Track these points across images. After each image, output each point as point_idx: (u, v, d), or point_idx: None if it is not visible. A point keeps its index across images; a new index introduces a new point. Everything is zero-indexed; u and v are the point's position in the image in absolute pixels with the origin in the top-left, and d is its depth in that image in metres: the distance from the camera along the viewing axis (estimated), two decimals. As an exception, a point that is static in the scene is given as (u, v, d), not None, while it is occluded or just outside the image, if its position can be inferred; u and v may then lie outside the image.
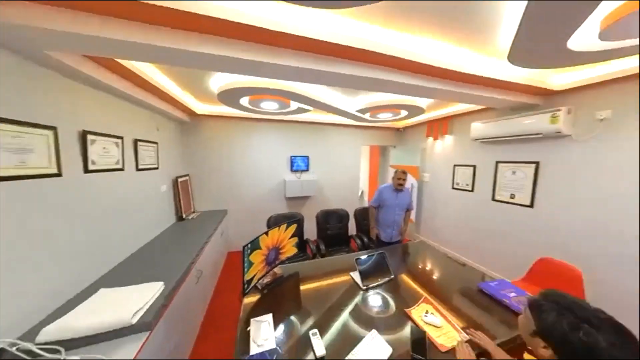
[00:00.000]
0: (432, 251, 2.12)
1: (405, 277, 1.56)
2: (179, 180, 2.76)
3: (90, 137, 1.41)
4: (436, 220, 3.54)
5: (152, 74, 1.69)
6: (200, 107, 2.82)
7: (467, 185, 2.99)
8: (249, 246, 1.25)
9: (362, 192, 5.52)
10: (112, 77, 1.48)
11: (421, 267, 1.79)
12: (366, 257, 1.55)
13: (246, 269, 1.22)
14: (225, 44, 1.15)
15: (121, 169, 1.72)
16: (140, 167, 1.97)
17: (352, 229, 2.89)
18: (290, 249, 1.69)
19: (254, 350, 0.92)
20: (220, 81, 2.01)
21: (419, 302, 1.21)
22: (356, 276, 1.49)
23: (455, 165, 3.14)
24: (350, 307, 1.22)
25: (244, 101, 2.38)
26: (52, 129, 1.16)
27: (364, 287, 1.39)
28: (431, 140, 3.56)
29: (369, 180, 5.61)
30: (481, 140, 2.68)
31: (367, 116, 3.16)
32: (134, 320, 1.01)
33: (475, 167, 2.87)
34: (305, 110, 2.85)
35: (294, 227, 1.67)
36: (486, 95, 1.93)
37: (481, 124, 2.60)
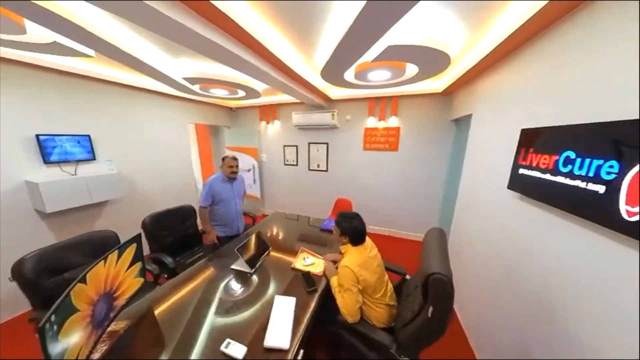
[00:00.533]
0: (282, 217, 2.65)
1: (277, 243, 1.86)
2: None
3: None
4: (276, 192, 4.27)
5: None
6: None
7: (293, 161, 3.94)
8: (52, 321, 0.68)
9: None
10: None
11: (282, 231, 2.21)
12: (244, 243, 1.56)
13: None
14: None
15: None
16: None
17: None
18: (132, 284, 1.15)
19: None
20: None
21: (298, 253, 1.59)
22: (240, 265, 1.48)
23: (284, 145, 3.91)
24: (240, 294, 1.25)
25: None
26: None
27: (253, 270, 1.45)
28: (264, 123, 3.98)
29: (202, 167, 4.88)
30: (299, 126, 3.61)
31: (196, 88, 2.66)
32: None
33: (297, 147, 3.83)
34: (79, 53, 1.67)
35: (132, 251, 1.14)
36: (303, 92, 2.61)
37: (298, 114, 3.47)
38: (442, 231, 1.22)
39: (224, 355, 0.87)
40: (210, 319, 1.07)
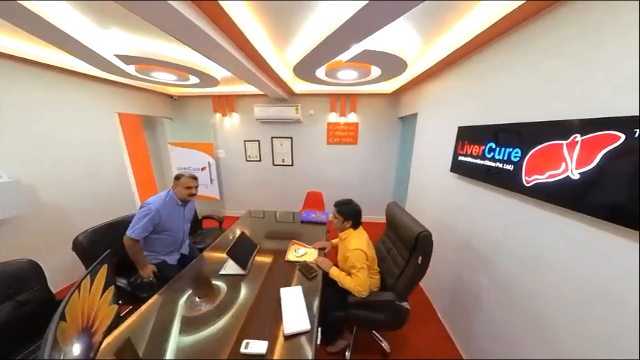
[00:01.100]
0: (255, 219, 2.57)
1: (264, 240, 1.83)
2: None
3: None
4: (238, 191, 3.98)
5: None
6: None
7: (256, 156, 3.76)
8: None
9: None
10: None
11: (264, 228, 2.16)
12: (231, 246, 1.49)
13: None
14: None
15: None
16: None
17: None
18: (107, 313, 0.95)
19: None
20: None
21: (289, 246, 1.63)
22: (232, 269, 1.41)
23: (245, 140, 3.67)
24: (242, 300, 1.24)
25: None
26: None
27: (246, 271, 1.41)
28: (220, 116, 3.59)
29: (134, 168, 3.90)
30: (261, 120, 3.46)
31: (131, 70, 2.17)
32: None
33: (259, 142, 3.67)
34: None
35: (104, 273, 0.94)
36: (270, 84, 2.52)
37: (260, 107, 3.31)
38: (397, 204, 1.63)
39: (245, 356, 0.87)
40: (224, 322, 1.02)
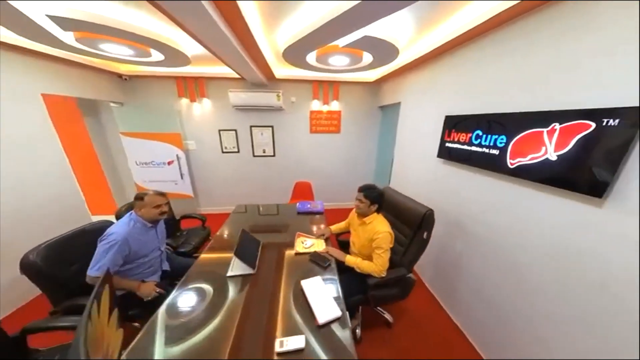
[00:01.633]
0: (240, 214, 2.41)
1: (258, 235, 1.74)
2: None
3: None
4: (214, 186, 3.64)
5: None
6: None
7: (233, 147, 3.46)
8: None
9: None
10: None
11: (261, 223, 2.06)
12: (237, 246, 1.38)
13: None
14: None
15: None
16: None
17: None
18: (115, 338, 0.80)
19: None
20: None
21: (295, 239, 1.60)
22: (240, 269, 1.32)
23: (220, 130, 3.32)
24: (259, 299, 1.19)
25: None
26: None
27: (255, 269, 1.34)
28: (187, 101, 3.14)
29: (73, 165, 3.11)
30: (238, 107, 3.16)
31: (69, 39, 1.72)
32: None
33: (236, 131, 3.37)
34: None
35: (107, 295, 0.78)
36: (253, 67, 2.29)
37: (237, 93, 3.01)
38: (392, 188, 1.84)
39: (283, 355, 0.85)
40: (251, 325, 0.97)
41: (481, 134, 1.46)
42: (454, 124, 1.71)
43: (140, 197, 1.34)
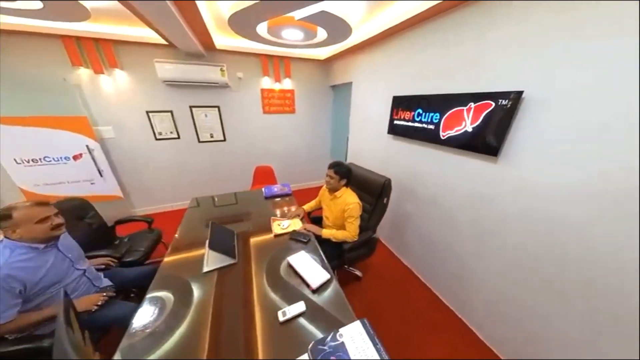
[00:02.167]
0: (207, 204, 2.19)
1: (236, 226, 1.67)
2: None
3: None
4: (148, 182, 3.04)
5: None
6: None
7: (171, 132, 2.92)
8: None
9: None
10: None
11: (219, 215, 1.92)
12: (210, 239, 1.29)
13: None
14: None
15: None
16: None
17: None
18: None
19: None
20: None
21: (271, 223, 1.61)
22: (218, 261, 1.26)
23: (148, 111, 2.70)
24: (250, 283, 1.20)
25: None
26: None
27: (236, 259, 1.31)
28: (89, 73, 2.35)
29: None
30: (170, 82, 2.62)
31: None
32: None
33: (172, 112, 2.83)
34: None
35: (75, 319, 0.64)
36: (188, 31, 1.88)
37: (166, 64, 2.46)
38: (355, 164, 2.00)
39: (287, 322, 0.93)
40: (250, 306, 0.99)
41: (422, 112, 1.76)
42: (400, 103, 1.98)
43: (5, 217, 1.00)
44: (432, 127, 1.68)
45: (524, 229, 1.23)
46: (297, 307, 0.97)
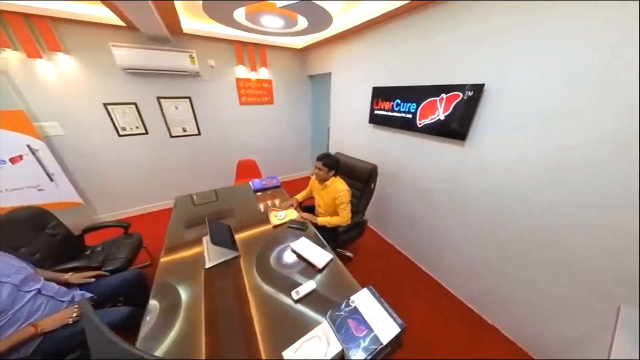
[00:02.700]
0: (187, 203, 2.08)
1: (230, 220, 1.64)
2: None
3: None
4: (111, 184, 2.71)
5: None
6: None
7: (136, 127, 2.62)
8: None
9: None
10: None
11: (228, 209, 1.86)
12: (211, 234, 1.28)
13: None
14: None
15: None
16: None
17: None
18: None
19: None
20: None
21: (269, 214, 1.64)
22: (221, 256, 1.27)
23: (106, 104, 2.37)
24: (259, 270, 1.25)
25: None
26: None
27: (238, 251, 1.32)
28: (19, 57, 1.95)
29: None
30: (131, 70, 2.32)
31: None
32: None
33: (136, 105, 2.53)
34: None
35: None
36: (154, 10, 1.67)
37: (125, 49, 2.17)
38: (341, 153, 2.10)
39: (301, 300, 1.01)
40: (264, 293, 1.04)
41: (400, 102, 1.91)
42: (380, 94, 2.11)
43: None
44: (409, 116, 1.85)
45: (486, 200, 1.49)
46: (308, 285, 1.06)
